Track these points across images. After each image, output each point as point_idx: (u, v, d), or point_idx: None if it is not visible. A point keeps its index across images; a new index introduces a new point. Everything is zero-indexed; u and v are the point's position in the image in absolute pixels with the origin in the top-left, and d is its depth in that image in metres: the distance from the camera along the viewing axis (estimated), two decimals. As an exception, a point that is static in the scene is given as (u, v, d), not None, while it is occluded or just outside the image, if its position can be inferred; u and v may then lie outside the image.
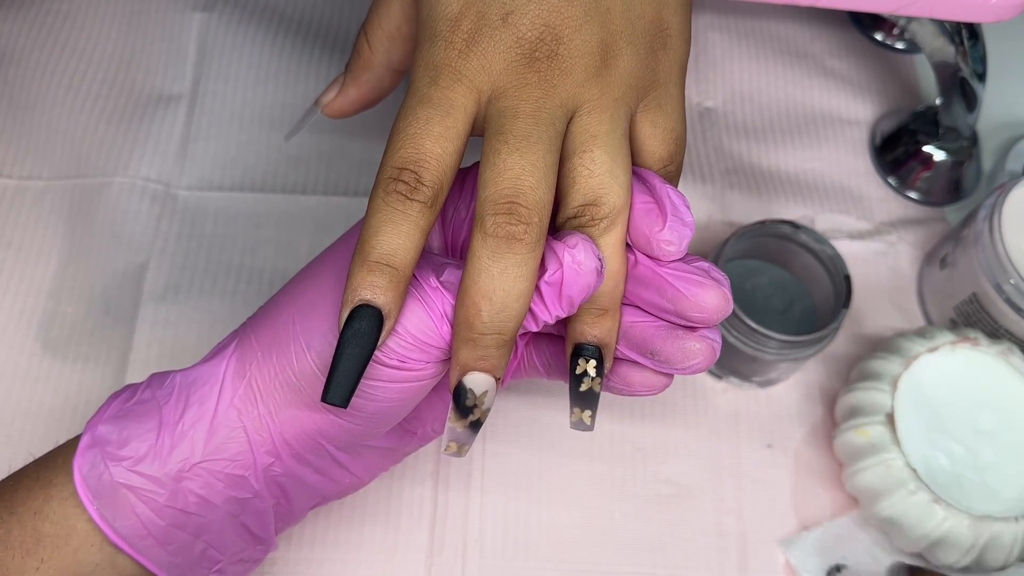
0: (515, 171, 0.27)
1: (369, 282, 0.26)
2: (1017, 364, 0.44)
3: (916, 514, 0.40)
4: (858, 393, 0.43)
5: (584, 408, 0.30)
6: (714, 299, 0.28)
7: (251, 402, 0.30)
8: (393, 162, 0.27)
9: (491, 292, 0.27)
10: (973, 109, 0.50)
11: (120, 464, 0.30)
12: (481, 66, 0.28)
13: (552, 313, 0.28)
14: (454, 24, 0.29)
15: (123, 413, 0.31)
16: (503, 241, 0.27)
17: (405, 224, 0.27)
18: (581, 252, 0.27)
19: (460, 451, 0.29)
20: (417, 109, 0.28)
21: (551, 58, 0.29)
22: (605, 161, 0.29)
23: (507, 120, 0.28)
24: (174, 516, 0.30)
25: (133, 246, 0.48)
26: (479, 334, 0.27)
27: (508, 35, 0.28)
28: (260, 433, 0.30)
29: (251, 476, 0.31)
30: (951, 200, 0.54)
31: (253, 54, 0.54)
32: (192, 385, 0.31)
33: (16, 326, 0.45)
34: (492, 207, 0.27)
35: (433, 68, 0.29)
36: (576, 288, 0.27)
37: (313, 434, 0.30)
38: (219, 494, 0.30)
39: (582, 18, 0.29)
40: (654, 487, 0.44)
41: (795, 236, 0.45)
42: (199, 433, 0.30)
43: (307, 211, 0.50)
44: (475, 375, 0.28)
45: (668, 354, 0.29)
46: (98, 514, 0.30)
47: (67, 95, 0.51)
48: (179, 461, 0.30)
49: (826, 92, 0.56)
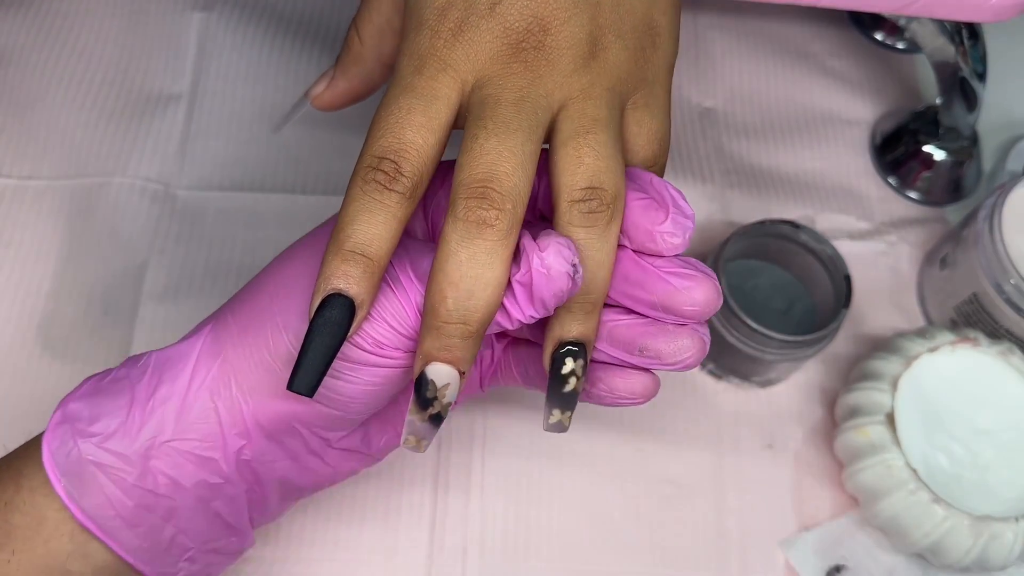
0: (491, 156, 0.27)
1: (343, 271, 0.26)
2: (1017, 364, 0.43)
3: (916, 514, 0.40)
4: (858, 393, 0.43)
5: (565, 409, 0.29)
6: (705, 292, 0.28)
7: (224, 382, 0.30)
8: (373, 151, 0.27)
9: (458, 279, 0.26)
10: (973, 109, 0.50)
11: (89, 440, 0.29)
12: (467, 55, 0.28)
13: (526, 313, 0.27)
14: (441, 13, 0.29)
15: (96, 390, 0.31)
16: (473, 226, 0.26)
17: (382, 214, 0.27)
18: (551, 255, 0.26)
19: (419, 445, 0.28)
20: (400, 98, 0.28)
21: (538, 48, 0.28)
22: (608, 144, 0.28)
23: (488, 107, 0.28)
24: (143, 496, 0.30)
25: (133, 246, 0.48)
26: (443, 322, 0.26)
27: (496, 25, 0.28)
28: (232, 414, 0.30)
29: (221, 459, 0.30)
30: (951, 200, 0.53)
31: (253, 54, 0.54)
32: (166, 363, 0.30)
33: (16, 326, 0.45)
34: (465, 191, 0.26)
35: (418, 57, 0.28)
36: (547, 292, 0.27)
37: (287, 416, 0.30)
38: (189, 476, 0.30)
39: (571, 10, 0.28)
40: (654, 487, 0.44)
41: (795, 236, 0.45)
42: (170, 411, 0.30)
43: (307, 211, 0.49)
44: (437, 366, 0.27)
45: (658, 349, 0.28)
46: (65, 492, 0.29)
47: (67, 95, 0.51)
48: (148, 438, 0.29)
49: (826, 92, 0.56)
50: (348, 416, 0.30)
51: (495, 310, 0.27)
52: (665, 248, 0.28)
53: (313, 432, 0.31)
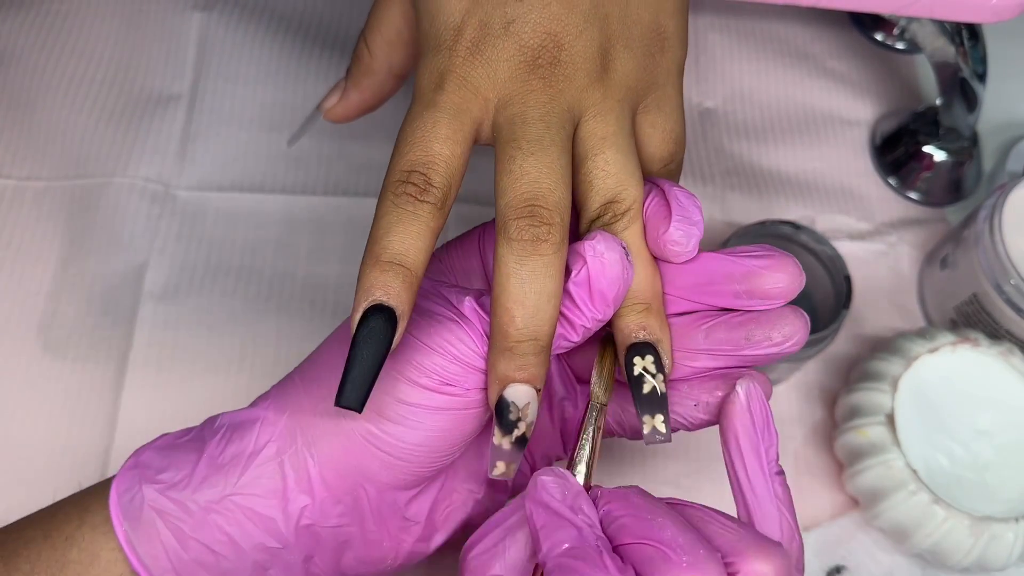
0: (532, 175, 0.27)
1: (382, 282, 0.26)
2: (1017, 364, 0.43)
3: (916, 515, 0.40)
4: (858, 393, 0.43)
5: (654, 413, 0.28)
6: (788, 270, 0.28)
7: (290, 437, 0.29)
8: (402, 165, 0.28)
9: (523, 296, 0.27)
10: (973, 109, 0.50)
11: (153, 487, 0.29)
12: (486, 74, 0.29)
13: (588, 315, 0.28)
14: (457, 33, 0.29)
15: (171, 445, 0.31)
16: (528, 244, 0.27)
17: (416, 225, 0.27)
18: (601, 243, 0.27)
19: (508, 470, 0.28)
20: (424, 114, 0.28)
21: (554, 64, 0.29)
22: (618, 160, 0.29)
23: (517, 126, 0.28)
24: (199, 551, 0.29)
25: (133, 246, 0.47)
26: (515, 342, 0.27)
27: (511, 43, 0.29)
28: (297, 468, 0.29)
29: (282, 520, 0.29)
30: (951, 200, 0.53)
31: (253, 54, 0.54)
32: (238, 425, 0.30)
33: (16, 326, 0.45)
34: (514, 212, 0.27)
35: (438, 75, 0.29)
36: (605, 281, 0.27)
37: (353, 468, 0.29)
38: (247, 536, 0.29)
39: (582, 25, 0.29)
40: (654, 487, 0.44)
41: (795, 236, 0.45)
42: (236, 465, 0.29)
43: (307, 211, 0.50)
44: (516, 387, 0.27)
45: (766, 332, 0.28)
46: (124, 535, 0.29)
47: (67, 95, 0.51)
48: (211, 491, 0.29)
49: (826, 92, 0.56)
50: (413, 467, 0.29)
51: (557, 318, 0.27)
52: (671, 256, 0.29)
53: (379, 492, 0.30)
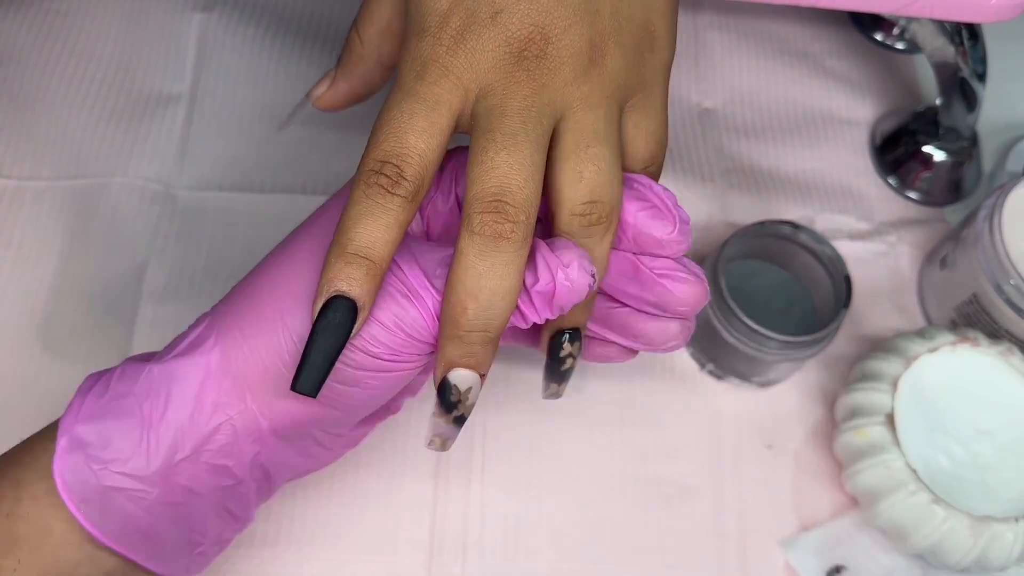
0: (502, 169, 0.27)
1: (346, 274, 0.27)
2: (1017, 364, 0.43)
3: (916, 515, 0.40)
4: (858, 393, 0.43)
5: (562, 382, 0.32)
6: (696, 295, 0.31)
7: (238, 395, 0.30)
8: (375, 155, 0.28)
9: (477, 290, 0.27)
10: (973, 109, 0.50)
11: (106, 467, 0.29)
12: (469, 63, 0.29)
13: (542, 316, 0.29)
14: (443, 20, 0.29)
15: (100, 412, 0.30)
16: (490, 240, 0.27)
17: (384, 217, 0.27)
18: (575, 271, 0.28)
19: (444, 445, 0.30)
20: (402, 103, 0.28)
21: (540, 57, 0.29)
22: (608, 158, 0.29)
23: (494, 118, 0.28)
24: (163, 510, 0.30)
25: (133, 246, 0.47)
26: (465, 331, 0.27)
27: (497, 33, 0.29)
28: (247, 424, 0.30)
29: (236, 465, 0.30)
30: (951, 200, 0.54)
31: (253, 54, 0.54)
32: (172, 380, 0.30)
33: (16, 326, 0.45)
34: (479, 205, 0.27)
35: (420, 63, 0.29)
36: (567, 301, 0.28)
37: (305, 423, 0.31)
38: (205, 484, 0.30)
39: (571, 18, 0.29)
40: (654, 487, 0.44)
41: (795, 236, 0.45)
42: (185, 429, 0.29)
43: (307, 211, 0.49)
44: (460, 371, 0.28)
45: (651, 336, 0.32)
46: (85, 517, 0.29)
47: (67, 95, 0.51)
48: (166, 458, 0.29)
49: (826, 92, 0.56)
50: (361, 414, 0.32)
51: (511, 313, 0.28)
52: (671, 253, 0.30)
53: (323, 430, 0.32)
